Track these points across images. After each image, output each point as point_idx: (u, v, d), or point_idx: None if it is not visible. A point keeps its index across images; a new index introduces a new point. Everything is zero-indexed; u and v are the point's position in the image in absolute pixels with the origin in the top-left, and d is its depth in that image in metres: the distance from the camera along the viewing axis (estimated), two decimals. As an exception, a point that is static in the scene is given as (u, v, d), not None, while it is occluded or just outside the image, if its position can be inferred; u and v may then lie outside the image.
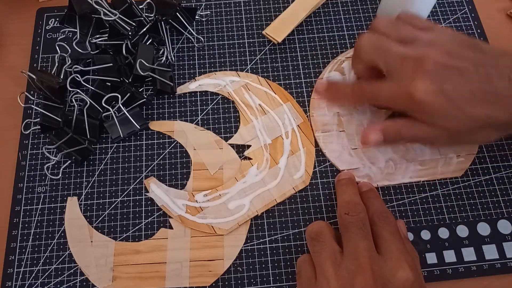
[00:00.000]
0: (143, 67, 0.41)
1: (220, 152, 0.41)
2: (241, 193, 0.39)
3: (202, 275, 0.37)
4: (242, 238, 0.38)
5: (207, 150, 0.41)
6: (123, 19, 0.42)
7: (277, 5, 0.49)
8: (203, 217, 0.38)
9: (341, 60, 0.45)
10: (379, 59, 0.36)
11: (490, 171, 0.40)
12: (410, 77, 0.34)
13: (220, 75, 0.44)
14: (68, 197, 0.40)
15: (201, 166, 0.41)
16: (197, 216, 0.38)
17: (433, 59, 0.34)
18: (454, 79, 0.33)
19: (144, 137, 0.42)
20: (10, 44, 0.47)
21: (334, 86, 0.41)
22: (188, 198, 0.39)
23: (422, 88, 0.33)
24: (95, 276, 0.37)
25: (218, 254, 0.37)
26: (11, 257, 0.37)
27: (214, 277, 0.37)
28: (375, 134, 0.36)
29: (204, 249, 0.37)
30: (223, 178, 0.40)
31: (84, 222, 0.39)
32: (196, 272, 0.37)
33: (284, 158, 0.40)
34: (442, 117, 0.34)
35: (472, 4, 0.48)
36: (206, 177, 0.40)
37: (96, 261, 0.37)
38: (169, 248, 0.38)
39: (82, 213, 0.39)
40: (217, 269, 0.37)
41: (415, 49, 0.35)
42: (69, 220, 0.39)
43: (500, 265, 0.37)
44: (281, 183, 0.40)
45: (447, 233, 0.38)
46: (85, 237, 0.38)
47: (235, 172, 0.40)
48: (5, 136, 0.42)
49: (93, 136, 0.41)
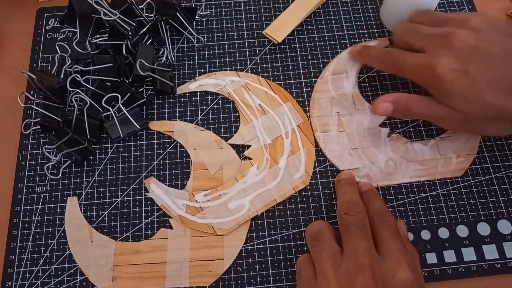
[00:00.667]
0: (143, 67, 0.41)
1: (220, 152, 0.41)
2: (241, 193, 0.39)
3: (202, 275, 0.37)
4: (242, 238, 0.38)
5: (207, 150, 0.41)
6: (123, 19, 0.42)
7: (277, 5, 0.49)
8: (203, 217, 0.38)
9: (344, 58, 0.45)
10: (411, 39, 0.37)
11: (490, 171, 0.40)
12: (437, 52, 0.34)
13: (220, 75, 0.44)
14: (68, 197, 0.40)
15: (201, 166, 0.41)
16: (197, 216, 0.38)
17: (461, 37, 0.33)
18: (480, 62, 0.32)
19: (144, 137, 0.42)
20: (10, 44, 0.47)
21: (366, 48, 0.42)
22: (188, 198, 0.39)
23: (445, 63, 0.33)
24: (95, 276, 0.37)
25: (218, 254, 0.37)
26: (11, 257, 0.37)
27: (214, 277, 0.37)
28: (385, 104, 0.37)
29: (204, 249, 0.37)
30: (223, 178, 0.40)
31: (84, 222, 0.39)
32: (196, 272, 0.37)
33: (284, 158, 0.40)
34: (459, 99, 0.33)
35: (472, 4, 0.48)
36: (206, 177, 0.40)
37: (96, 261, 0.37)
38: (169, 248, 0.38)
39: (82, 213, 0.39)
40: (217, 269, 0.37)
41: (445, 28, 0.35)
42: (69, 220, 0.39)
43: (500, 265, 0.37)
44: (281, 183, 0.40)
45: (447, 233, 0.38)
46: (85, 237, 0.38)
47: (235, 172, 0.40)
48: (5, 136, 0.42)
49: (93, 136, 0.41)
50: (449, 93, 0.33)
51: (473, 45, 0.33)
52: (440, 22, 0.37)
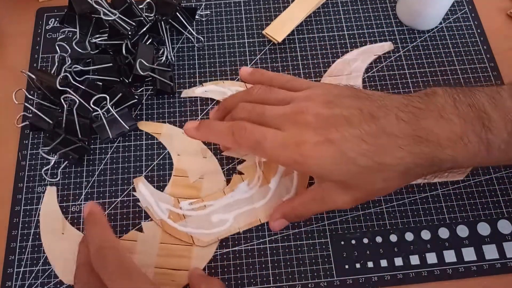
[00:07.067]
0: (143, 67, 0.41)
1: (204, 161, 0.40)
2: (227, 208, 0.38)
3: (164, 284, 0.36)
4: (211, 253, 0.37)
5: (191, 157, 0.40)
6: (123, 19, 0.42)
7: (277, 5, 0.48)
8: (184, 225, 0.37)
9: (348, 59, 0.45)
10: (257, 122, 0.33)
11: (490, 171, 0.40)
12: (293, 132, 0.31)
13: (228, 84, 0.44)
14: (47, 187, 0.40)
15: (182, 172, 0.40)
16: (178, 224, 0.37)
17: (313, 110, 0.32)
18: (340, 126, 0.31)
19: (144, 137, 0.42)
20: (10, 44, 0.47)
21: (206, 124, 0.35)
22: (173, 203, 0.38)
23: (307, 140, 0.31)
24: (62, 269, 0.36)
25: (184, 264, 0.36)
26: (11, 257, 0.37)
27: (176, 287, 0.36)
28: (278, 223, 0.36)
29: (171, 257, 0.37)
30: (201, 188, 0.39)
31: (59, 213, 0.38)
32: (159, 279, 0.36)
33: (277, 178, 0.39)
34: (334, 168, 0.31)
35: (472, 4, 0.48)
36: (185, 185, 0.39)
37: (64, 254, 0.37)
38: (136, 251, 0.37)
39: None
40: (180, 279, 0.36)
41: (293, 106, 0.33)
42: (45, 210, 0.39)
43: (500, 265, 0.37)
44: (268, 203, 0.38)
45: (447, 233, 0.38)
46: (57, 228, 0.38)
47: (215, 184, 0.39)
48: (5, 136, 0.42)
49: (85, 135, 0.40)
50: (322, 168, 0.31)
51: (327, 114, 0.31)
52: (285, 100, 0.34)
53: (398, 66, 0.45)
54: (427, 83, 0.44)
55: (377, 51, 0.45)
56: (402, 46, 0.46)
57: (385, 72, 0.45)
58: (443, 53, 0.46)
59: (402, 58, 0.45)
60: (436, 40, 0.46)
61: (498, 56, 0.45)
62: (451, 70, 0.45)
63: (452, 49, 0.46)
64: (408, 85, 0.44)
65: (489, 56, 0.45)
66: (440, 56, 0.46)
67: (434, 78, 0.44)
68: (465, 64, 0.45)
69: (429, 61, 0.45)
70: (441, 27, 0.47)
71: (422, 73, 0.45)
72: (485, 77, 0.44)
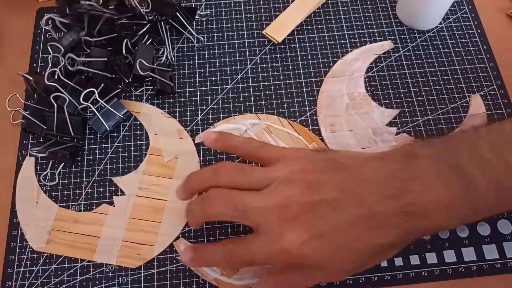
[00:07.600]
0: (143, 66, 0.41)
1: (179, 141, 0.41)
2: None
3: (130, 257, 0.37)
4: (178, 230, 0.38)
5: (167, 137, 0.41)
6: (121, 16, 0.42)
7: (277, 5, 0.48)
8: (240, 279, 0.36)
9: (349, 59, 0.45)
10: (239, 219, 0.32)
11: (490, 171, 0.40)
12: (279, 232, 0.30)
13: (239, 119, 0.42)
14: (27, 157, 0.41)
15: (157, 151, 0.41)
16: (233, 278, 0.36)
17: (296, 201, 0.30)
18: (326, 216, 0.29)
19: (144, 137, 0.42)
20: (9, 44, 0.47)
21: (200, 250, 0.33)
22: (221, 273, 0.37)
23: (295, 240, 0.29)
24: (32, 236, 0.38)
25: (151, 239, 0.38)
26: (11, 257, 0.37)
27: (141, 261, 0.37)
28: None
29: (139, 232, 0.38)
30: (175, 168, 0.40)
31: (34, 182, 0.40)
32: (126, 252, 0.37)
33: None
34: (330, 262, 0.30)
35: (472, 4, 0.48)
36: (159, 163, 0.40)
37: (36, 222, 0.38)
38: (106, 224, 0.38)
39: (82, 213, 0.39)
40: (146, 253, 0.37)
41: (274, 195, 0.31)
42: (21, 179, 0.40)
43: (500, 265, 0.37)
44: None
45: (447, 233, 0.38)
46: (32, 197, 0.39)
47: (188, 164, 0.40)
48: (5, 136, 0.42)
49: (77, 133, 0.40)
50: (317, 263, 0.30)
51: (311, 203, 0.30)
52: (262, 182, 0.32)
53: (398, 66, 0.45)
54: (427, 83, 0.44)
55: (378, 51, 0.45)
56: (402, 46, 0.46)
57: (385, 72, 0.45)
58: (443, 53, 0.46)
59: (402, 58, 0.45)
60: (436, 40, 0.46)
61: (498, 56, 0.45)
62: (451, 70, 0.45)
63: (452, 49, 0.46)
64: (408, 85, 0.44)
65: (489, 56, 0.45)
66: (440, 56, 0.46)
67: (434, 78, 0.44)
68: (465, 64, 0.45)
69: (429, 61, 0.45)
70: (441, 27, 0.47)
71: (422, 73, 0.45)
72: (485, 77, 0.44)
